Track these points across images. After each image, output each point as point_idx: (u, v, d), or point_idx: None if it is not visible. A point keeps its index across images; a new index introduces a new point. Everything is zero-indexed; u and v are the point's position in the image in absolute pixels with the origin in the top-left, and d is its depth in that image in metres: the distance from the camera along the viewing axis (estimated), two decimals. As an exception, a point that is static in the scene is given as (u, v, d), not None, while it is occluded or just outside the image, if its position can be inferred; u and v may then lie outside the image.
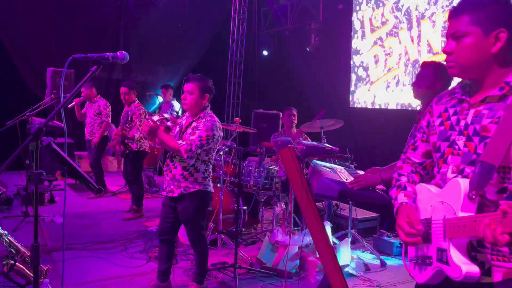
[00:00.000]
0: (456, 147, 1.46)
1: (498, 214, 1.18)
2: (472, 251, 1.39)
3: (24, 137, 5.23)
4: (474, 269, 1.32)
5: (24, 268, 2.74)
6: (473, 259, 1.38)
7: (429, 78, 2.49)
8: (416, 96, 2.59)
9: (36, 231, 1.78)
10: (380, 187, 2.50)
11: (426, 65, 2.61)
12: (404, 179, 1.66)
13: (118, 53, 1.91)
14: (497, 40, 1.38)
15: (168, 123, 3.22)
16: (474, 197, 1.32)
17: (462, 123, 1.46)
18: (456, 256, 1.34)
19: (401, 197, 1.59)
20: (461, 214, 1.33)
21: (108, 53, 1.87)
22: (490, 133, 1.37)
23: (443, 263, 1.38)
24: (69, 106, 6.07)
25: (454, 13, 1.43)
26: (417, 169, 1.69)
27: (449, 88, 2.51)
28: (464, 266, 1.32)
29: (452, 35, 1.43)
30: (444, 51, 1.47)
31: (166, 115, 3.29)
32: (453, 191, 1.37)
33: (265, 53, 8.78)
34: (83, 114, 6.24)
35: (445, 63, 2.36)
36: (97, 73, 1.88)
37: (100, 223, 5.09)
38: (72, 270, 3.63)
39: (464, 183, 1.35)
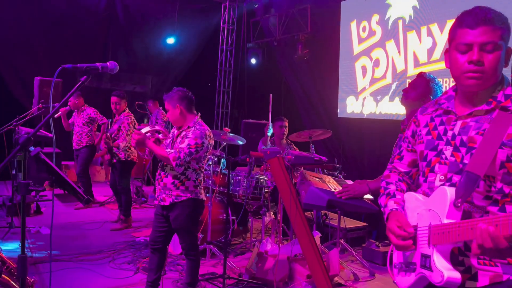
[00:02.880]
0: (443, 156, 1.49)
1: (485, 219, 1.22)
2: (460, 256, 1.43)
3: (10, 147, 5.17)
4: (456, 275, 1.35)
5: (10, 280, 2.68)
6: (460, 264, 1.41)
7: (421, 89, 2.49)
8: (404, 103, 2.59)
9: (23, 242, 1.76)
10: (368, 196, 2.53)
11: (422, 75, 2.61)
12: (392, 187, 1.69)
13: (108, 63, 1.92)
14: (508, 56, 1.45)
15: (160, 135, 3.23)
16: (459, 205, 1.37)
17: (450, 133, 1.50)
18: (439, 262, 1.38)
19: (391, 204, 1.62)
20: (446, 221, 1.38)
21: (98, 63, 1.88)
22: (476, 144, 1.41)
23: (426, 269, 1.42)
24: (55, 116, 6.03)
25: (485, 22, 1.37)
26: (403, 178, 1.73)
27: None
28: (446, 271, 1.35)
29: (482, 44, 1.37)
30: (474, 60, 1.38)
31: (157, 127, 3.31)
32: (440, 198, 1.42)
33: (253, 61, 8.85)
34: (70, 124, 6.21)
35: (428, 73, 2.39)
36: (86, 82, 1.88)
37: (87, 234, 5.03)
38: (59, 282, 3.58)
39: (450, 191, 1.39)
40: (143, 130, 3.17)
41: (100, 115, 6.16)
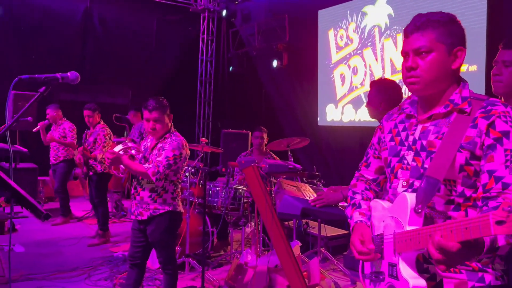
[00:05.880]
0: (405, 161, 1.49)
1: (441, 226, 1.19)
2: (425, 263, 1.41)
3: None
4: (421, 282, 1.32)
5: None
6: (425, 271, 1.39)
7: (372, 98, 2.52)
8: (369, 115, 2.60)
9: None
10: (342, 204, 2.50)
11: (371, 84, 2.62)
12: (358, 197, 1.67)
13: (68, 73, 1.86)
14: (456, 58, 1.42)
15: (132, 151, 3.15)
16: (420, 210, 1.35)
17: (411, 138, 1.49)
18: (405, 270, 1.35)
19: (356, 216, 1.61)
20: (408, 228, 1.35)
21: (57, 74, 1.83)
22: (436, 148, 1.40)
23: (394, 278, 1.39)
24: (33, 130, 5.91)
25: (417, 28, 1.42)
26: (371, 186, 1.71)
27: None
28: (411, 280, 1.32)
29: (415, 50, 1.42)
30: (407, 67, 1.44)
31: (129, 144, 3.21)
32: (401, 205, 1.40)
33: (233, 71, 8.86)
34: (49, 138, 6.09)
35: (399, 81, 2.40)
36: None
37: (63, 251, 4.89)
38: (31, 302, 3.46)
39: (410, 198, 1.37)
40: (116, 149, 3.08)
41: (73, 134, 5.97)
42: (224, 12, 8.51)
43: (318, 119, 6.97)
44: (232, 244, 4.78)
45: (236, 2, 8.67)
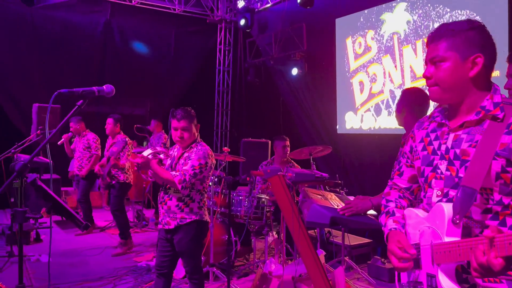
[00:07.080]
0: (439, 171, 1.47)
1: (483, 239, 1.17)
2: (463, 273, 1.39)
3: (8, 175, 5.12)
4: None
5: (8, 311, 2.63)
6: (465, 282, 1.37)
7: (398, 104, 2.61)
8: (399, 123, 2.67)
9: (21, 272, 1.72)
10: (371, 212, 2.49)
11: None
12: (392, 205, 1.66)
13: (104, 86, 1.91)
14: (474, 65, 1.41)
15: (161, 156, 3.19)
16: (458, 221, 1.34)
17: (443, 147, 1.48)
18: (445, 282, 1.34)
19: (390, 223, 1.59)
20: (446, 239, 1.34)
21: (94, 87, 1.87)
22: (470, 157, 1.39)
23: None
24: (58, 143, 6.04)
25: (433, 39, 1.46)
26: (404, 195, 1.70)
27: (419, 114, 2.58)
28: None
29: (430, 60, 1.46)
30: (424, 76, 1.50)
31: (158, 148, 3.26)
32: (438, 216, 1.39)
33: (251, 80, 8.91)
34: (73, 150, 6.21)
35: (423, 87, 2.44)
36: (84, 107, 1.87)
37: (88, 260, 4.95)
38: (59, 311, 3.51)
39: (447, 208, 1.36)
40: (145, 153, 3.12)
41: (97, 145, 6.11)
42: (242, 22, 8.56)
43: (337, 127, 6.95)
44: (255, 253, 4.77)
45: (253, 12, 8.74)
